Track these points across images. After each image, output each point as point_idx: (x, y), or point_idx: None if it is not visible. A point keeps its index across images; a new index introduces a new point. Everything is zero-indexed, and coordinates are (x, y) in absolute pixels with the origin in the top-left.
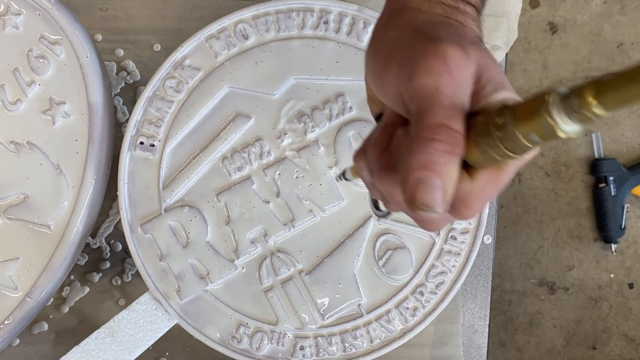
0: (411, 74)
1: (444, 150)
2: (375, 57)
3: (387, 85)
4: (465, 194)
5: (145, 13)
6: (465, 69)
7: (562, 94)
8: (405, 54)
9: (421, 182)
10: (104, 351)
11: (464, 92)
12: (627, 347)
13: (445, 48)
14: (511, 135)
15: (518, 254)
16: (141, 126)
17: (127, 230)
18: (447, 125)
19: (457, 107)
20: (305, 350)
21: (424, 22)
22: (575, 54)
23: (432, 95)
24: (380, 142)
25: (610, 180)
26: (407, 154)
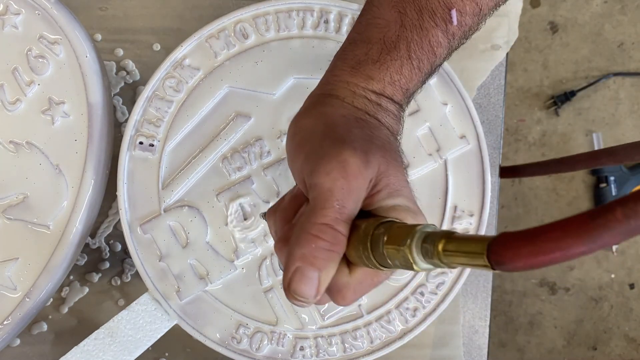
0: (313, 169)
1: (325, 248)
2: (292, 138)
3: (295, 168)
4: (342, 285)
5: (145, 13)
6: (362, 177)
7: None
8: (313, 147)
9: (299, 271)
10: (104, 351)
11: (356, 198)
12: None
13: (347, 155)
14: (380, 253)
15: None
16: (141, 126)
17: (127, 231)
18: (332, 226)
19: (345, 211)
20: (305, 350)
21: (340, 116)
22: (576, 53)
23: (326, 196)
24: (287, 211)
25: (610, 180)
26: (294, 243)
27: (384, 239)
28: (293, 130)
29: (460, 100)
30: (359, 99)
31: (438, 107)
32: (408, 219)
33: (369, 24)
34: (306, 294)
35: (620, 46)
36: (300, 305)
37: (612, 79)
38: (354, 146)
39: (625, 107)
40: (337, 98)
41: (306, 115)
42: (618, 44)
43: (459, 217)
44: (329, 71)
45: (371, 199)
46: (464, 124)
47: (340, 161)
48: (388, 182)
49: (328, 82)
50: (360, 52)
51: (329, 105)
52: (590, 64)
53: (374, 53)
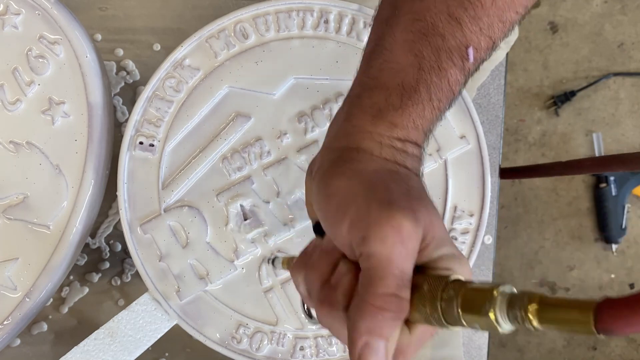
0: (365, 237)
1: (391, 317)
2: (327, 199)
3: (338, 232)
4: (404, 345)
5: (145, 13)
6: (416, 237)
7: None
8: (359, 212)
9: (368, 346)
10: (104, 352)
11: (413, 259)
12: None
13: (400, 218)
14: (454, 315)
15: (519, 254)
16: (141, 126)
17: (127, 231)
18: (396, 294)
19: (405, 276)
20: (305, 350)
21: (375, 172)
22: (576, 53)
23: (384, 264)
24: (321, 270)
25: (611, 181)
26: (357, 316)
27: (459, 302)
28: (327, 191)
29: (460, 100)
30: (386, 149)
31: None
32: (456, 266)
33: (383, 68)
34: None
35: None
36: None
37: (612, 79)
38: (401, 206)
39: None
40: (365, 152)
41: (338, 174)
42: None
43: (459, 217)
44: (346, 120)
45: (421, 253)
46: (464, 124)
47: (394, 226)
48: (434, 234)
49: (349, 134)
50: (380, 99)
51: (358, 161)
52: (590, 64)
53: (394, 99)
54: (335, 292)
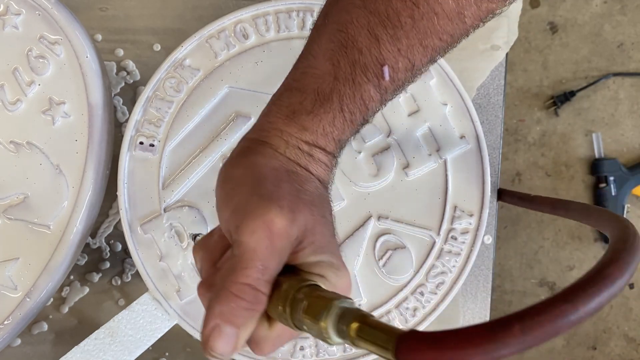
0: (238, 226)
1: (245, 307)
2: (221, 185)
3: (222, 218)
4: (261, 338)
5: (145, 13)
6: (287, 237)
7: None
8: (240, 202)
9: (218, 329)
10: (104, 351)
11: (279, 258)
12: (628, 347)
13: (273, 215)
14: (299, 319)
15: (518, 254)
16: (141, 126)
17: (127, 231)
18: (254, 286)
19: (267, 271)
20: (305, 350)
21: (271, 169)
22: (576, 53)
23: (249, 255)
24: (213, 252)
25: (610, 181)
26: (214, 299)
27: (304, 306)
28: (223, 178)
29: (460, 101)
30: (292, 149)
31: (438, 107)
32: (331, 275)
33: (305, 73)
34: (223, 351)
35: (620, 46)
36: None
37: (612, 79)
38: (280, 204)
39: (624, 107)
40: (271, 147)
41: (237, 164)
42: (618, 44)
43: (458, 217)
44: (264, 115)
45: (295, 255)
46: (464, 124)
47: (266, 221)
48: (314, 240)
49: (262, 129)
50: (295, 101)
51: (261, 155)
52: (590, 64)
53: (308, 103)
54: (214, 274)
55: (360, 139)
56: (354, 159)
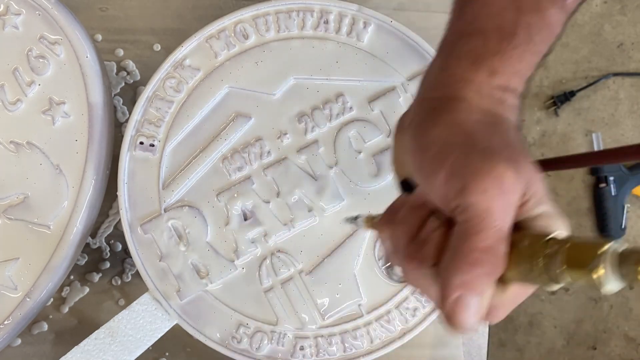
0: (464, 188)
1: (487, 272)
2: (423, 150)
3: (434, 184)
4: (497, 304)
5: (145, 13)
6: (518, 190)
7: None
8: (458, 162)
9: (461, 301)
10: (104, 351)
11: (512, 213)
12: (628, 347)
13: (502, 170)
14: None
15: None
16: (141, 126)
17: (127, 230)
18: (494, 249)
19: (504, 230)
20: (305, 350)
21: (475, 123)
22: (576, 53)
23: (483, 216)
24: (409, 225)
25: (610, 181)
26: (450, 269)
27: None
28: (422, 143)
29: None
30: (486, 99)
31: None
32: (554, 226)
33: (478, 13)
34: (472, 323)
35: (620, 46)
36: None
37: (612, 79)
38: (503, 157)
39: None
40: (464, 101)
41: (435, 124)
42: (618, 44)
43: None
44: (442, 70)
45: (519, 209)
46: None
47: (496, 177)
48: (535, 191)
49: (446, 84)
50: (477, 45)
51: (458, 111)
52: (590, 64)
53: (492, 44)
54: (424, 247)
55: (360, 139)
56: (354, 159)
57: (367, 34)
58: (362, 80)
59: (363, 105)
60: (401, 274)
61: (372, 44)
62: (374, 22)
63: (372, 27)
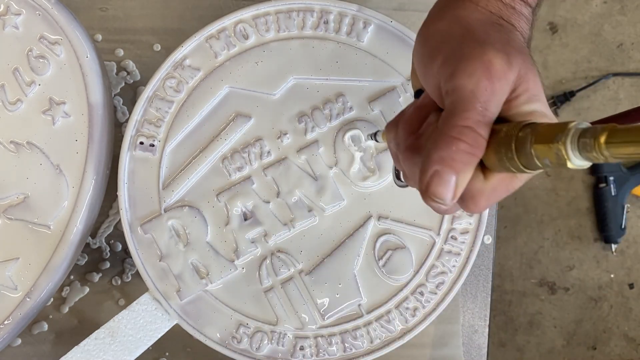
0: (453, 72)
1: (466, 150)
2: (424, 43)
3: (429, 73)
4: (476, 191)
5: (145, 13)
6: (505, 78)
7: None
8: (452, 50)
9: (438, 174)
10: (104, 351)
11: (498, 100)
12: (628, 347)
13: (492, 55)
14: (527, 153)
15: (518, 254)
16: (141, 126)
17: (127, 231)
18: (474, 129)
19: (487, 114)
20: (305, 350)
21: (477, 20)
22: (576, 53)
23: (468, 97)
24: (411, 122)
25: (610, 181)
26: (431, 146)
27: (532, 138)
28: (425, 34)
29: None
30: (493, 3)
31: None
32: None
33: None
34: (444, 196)
35: (620, 46)
36: (436, 208)
37: (612, 79)
38: (496, 47)
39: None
40: (471, 1)
41: (439, 18)
42: (617, 44)
43: (458, 217)
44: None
45: (509, 103)
46: None
47: (484, 61)
48: (527, 87)
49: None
50: None
51: (463, 9)
52: (590, 64)
53: None
54: (420, 138)
55: (360, 139)
56: (354, 159)
57: (367, 34)
58: (362, 80)
59: (363, 105)
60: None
61: (372, 44)
62: (374, 22)
63: (372, 27)
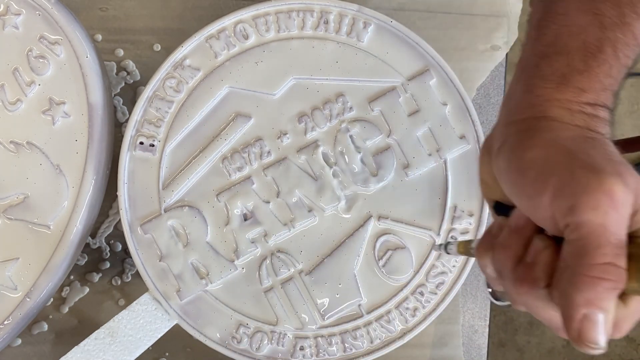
0: (574, 206)
1: (610, 288)
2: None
3: (538, 205)
4: (620, 319)
5: (145, 13)
6: (628, 202)
7: None
8: (563, 181)
9: (587, 319)
10: (104, 351)
11: (626, 226)
12: (628, 347)
13: (611, 184)
14: None
15: None
16: (141, 126)
17: (127, 231)
18: (614, 264)
19: (621, 244)
20: (305, 350)
21: (571, 140)
22: None
23: (599, 232)
24: (513, 249)
25: None
26: (571, 289)
27: None
28: (522, 165)
29: (460, 101)
30: (577, 116)
31: (438, 107)
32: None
33: (559, 33)
34: (599, 340)
35: None
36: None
37: None
38: (608, 171)
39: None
40: (555, 120)
41: (532, 145)
42: None
43: (458, 217)
44: (526, 92)
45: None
46: (464, 124)
47: (606, 192)
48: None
49: (533, 105)
50: (561, 65)
51: (552, 130)
52: None
53: (577, 63)
54: (533, 269)
55: (360, 139)
56: (354, 159)
57: (367, 34)
58: (362, 80)
59: (363, 105)
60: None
61: (372, 44)
62: (374, 22)
63: (372, 27)
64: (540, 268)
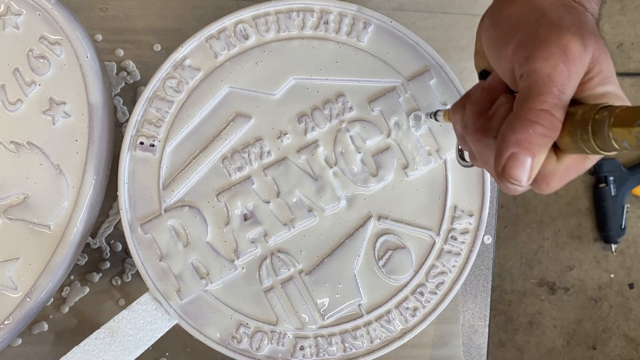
0: (529, 56)
1: (542, 133)
2: (496, 26)
3: (503, 56)
4: (549, 172)
5: (145, 13)
6: (581, 61)
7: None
8: (527, 34)
9: (514, 157)
10: (104, 351)
11: (574, 83)
12: (628, 347)
13: (568, 39)
14: (604, 135)
15: (518, 254)
16: (141, 126)
17: (127, 231)
18: (551, 112)
19: (563, 97)
20: (305, 350)
21: (549, 3)
22: None
23: (545, 81)
24: (480, 103)
25: (610, 181)
26: (507, 129)
27: (610, 121)
28: (497, 20)
29: None
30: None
31: (438, 108)
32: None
33: None
34: (521, 178)
35: (620, 46)
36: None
37: None
38: (571, 30)
39: None
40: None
41: (509, 3)
42: (617, 44)
43: (458, 217)
44: None
45: (583, 85)
46: None
47: (561, 46)
48: (601, 69)
49: None
50: None
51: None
52: None
53: None
54: (490, 120)
55: (360, 139)
56: (354, 159)
57: (367, 34)
58: (362, 80)
59: (363, 105)
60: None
61: (372, 44)
62: (374, 22)
63: (372, 27)
64: (496, 119)
